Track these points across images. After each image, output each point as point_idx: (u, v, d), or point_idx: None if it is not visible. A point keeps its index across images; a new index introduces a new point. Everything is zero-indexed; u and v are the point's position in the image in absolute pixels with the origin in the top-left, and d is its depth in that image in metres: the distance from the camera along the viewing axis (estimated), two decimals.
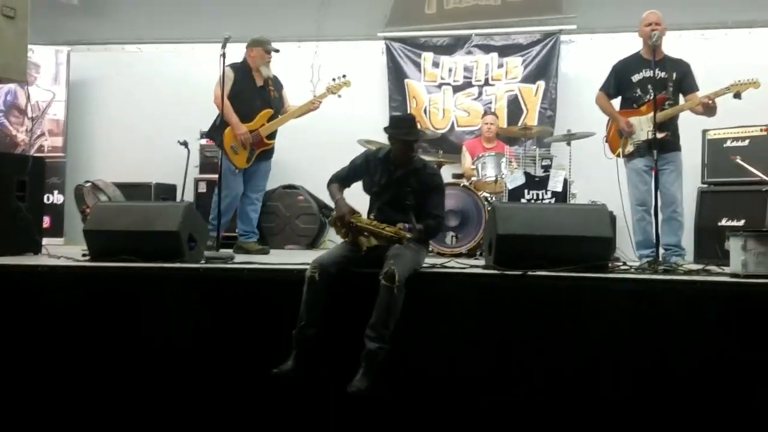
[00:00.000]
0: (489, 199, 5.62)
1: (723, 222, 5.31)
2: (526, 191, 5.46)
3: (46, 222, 6.30)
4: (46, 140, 7.60)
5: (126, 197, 5.93)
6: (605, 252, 3.86)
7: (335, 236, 4.12)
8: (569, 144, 5.73)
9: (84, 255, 4.26)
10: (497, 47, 7.31)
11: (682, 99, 5.06)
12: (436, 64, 7.39)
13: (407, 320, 3.35)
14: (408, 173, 3.82)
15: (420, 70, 7.42)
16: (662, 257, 4.51)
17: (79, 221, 5.75)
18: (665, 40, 4.99)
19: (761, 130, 5.37)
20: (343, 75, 5.54)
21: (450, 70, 7.37)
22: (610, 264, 3.92)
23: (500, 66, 7.27)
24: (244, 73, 5.51)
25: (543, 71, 7.17)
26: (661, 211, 4.72)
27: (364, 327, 3.30)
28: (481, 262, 4.39)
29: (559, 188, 5.42)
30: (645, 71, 5.02)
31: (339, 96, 5.54)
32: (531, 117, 7.10)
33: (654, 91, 4.69)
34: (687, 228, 5.12)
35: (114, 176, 6.47)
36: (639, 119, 5.00)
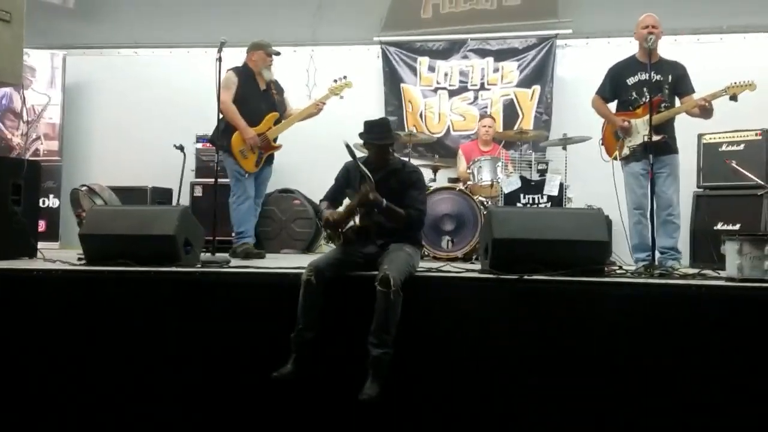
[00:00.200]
0: (485, 203, 5.62)
1: (719, 226, 5.33)
2: (522, 195, 5.47)
3: (42, 226, 6.28)
4: (42, 144, 7.61)
5: (122, 201, 5.93)
6: (601, 256, 3.86)
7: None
8: (565, 148, 5.75)
9: (80, 259, 4.24)
10: (493, 51, 7.34)
11: (678, 101, 5.07)
12: (432, 69, 7.41)
13: (403, 325, 3.35)
14: (388, 175, 3.85)
15: (416, 75, 7.44)
16: (658, 261, 4.52)
17: (75, 225, 5.74)
18: (661, 44, 5.00)
19: (756, 135, 5.39)
20: (344, 76, 5.56)
21: (446, 75, 7.39)
22: (606, 268, 3.91)
23: (496, 70, 7.31)
24: (248, 77, 5.49)
25: (539, 75, 7.21)
26: (657, 215, 4.74)
27: (363, 330, 3.30)
28: (477, 267, 4.38)
29: (555, 192, 5.44)
30: (641, 74, 5.03)
31: (341, 97, 5.56)
32: (527, 121, 7.13)
33: (650, 94, 4.71)
34: (683, 232, 5.12)
35: (110, 180, 6.47)
36: (635, 122, 5.01)
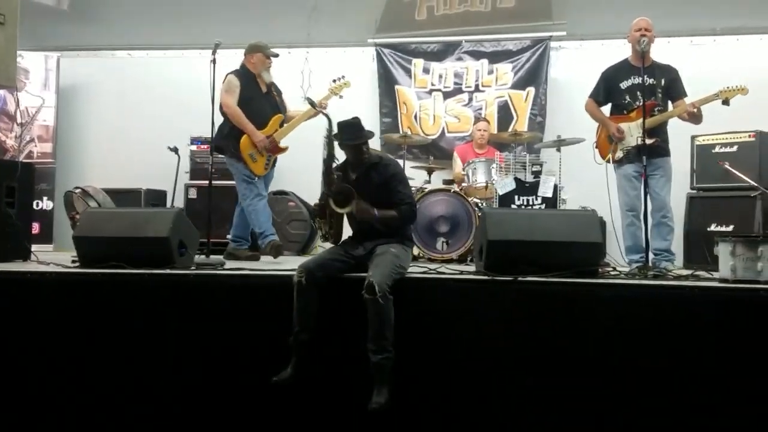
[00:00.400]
0: (479, 205, 5.63)
1: (712, 227, 5.34)
2: (517, 197, 5.47)
3: (36, 228, 6.29)
4: (36, 146, 7.59)
5: (116, 203, 5.89)
6: (595, 257, 3.88)
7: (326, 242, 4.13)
8: (559, 150, 5.75)
9: (73, 261, 4.24)
10: (487, 53, 7.34)
11: (671, 105, 5.09)
12: (427, 71, 7.42)
13: (398, 327, 3.35)
14: (368, 170, 3.89)
15: (410, 77, 7.44)
16: (652, 262, 4.54)
17: (69, 227, 5.71)
18: (654, 47, 5.01)
19: (749, 136, 5.40)
20: (342, 76, 5.57)
21: (440, 77, 7.40)
22: (600, 269, 3.93)
23: (490, 72, 7.31)
24: (249, 80, 5.43)
25: (533, 77, 7.21)
26: (651, 216, 4.76)
27: (361, 332, 3.30)
28: (472, 268, 4.40)
29: (549, 194, 5.44)
30: (634, 78, 5.04)
31: (340, 97, 5.56)
32: (521, 123, 7.13)
33: (643, 98, 4.72)
34: (676, 233, 5.14)
35: (104, 182, 6.43)
36: (629, 125, 5.02)
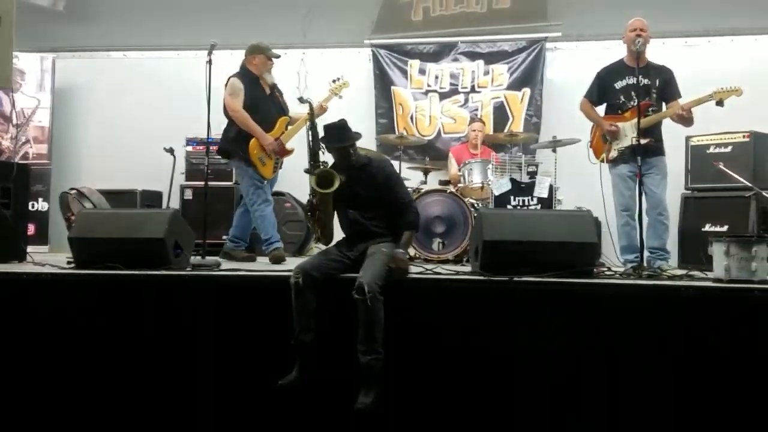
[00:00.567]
0: (475, 206, 5.64)
1: (706, 227, 5.37)
2: (512, 197, 5.48)
3: (31, 229, 6.28)
4: (31, 147, 7.57)
5: (111, 204, 5.89)
6: (590, 257, 3.88)
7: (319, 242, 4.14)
8: (555, 150, 5.77)
9: (69, 262, 4.23)
10: (483, 54, 7.35)
11: (665, 106, 5.10)
12: (423, 71, 7.42)
13: (393, 327, 3.35)
14: (357, 172, 3.85)
15: (406, 77, 7.45)
16: (647, 261, 4.54)
17: (64, 229, 5.70)
18: (649, 48, 5.04)
19: (744, 137, 5.43)
20: (341, 76, 5.57)
21: (436, 77, 7.41)
22: (596, 269, 3.94)
23: (486, 73, 7.32)
24: (252, 82, 5.33)
25: (528, 78, 7.22)
26: (647, 214, 4.78)
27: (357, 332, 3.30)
28: (468, 269, 4.40)
29: (545, 194, 5.45)
30: (628, 78, 5.05)
31: (340, 97, 5.56)
32: (517, 124, 7.14)
33: (637, 98, 4.74)
34: (671, 234, 5.14)
35: (99, 183, 6.43)
36: (623, 125, 5.03)
